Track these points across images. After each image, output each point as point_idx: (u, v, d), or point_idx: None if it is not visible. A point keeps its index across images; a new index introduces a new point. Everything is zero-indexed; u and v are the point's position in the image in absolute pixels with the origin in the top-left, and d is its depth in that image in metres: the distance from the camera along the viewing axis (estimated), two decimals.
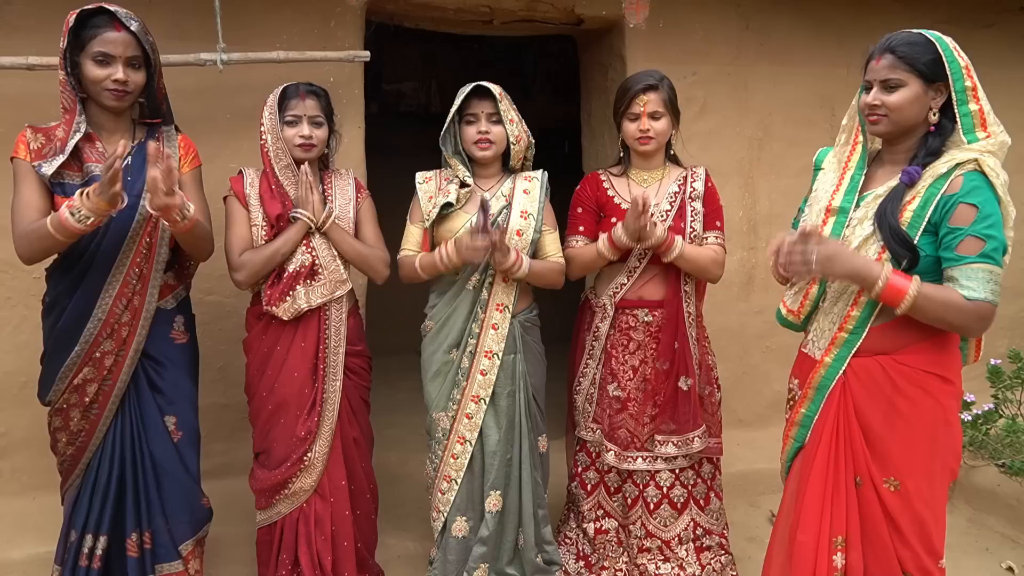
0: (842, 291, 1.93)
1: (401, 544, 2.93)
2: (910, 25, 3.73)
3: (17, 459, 2.90)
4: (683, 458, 2.56)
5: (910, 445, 1.86)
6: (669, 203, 2.53)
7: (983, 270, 1.73)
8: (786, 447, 2.09)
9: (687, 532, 2.60)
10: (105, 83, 2.07)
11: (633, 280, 2.54)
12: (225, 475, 2.95)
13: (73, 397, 2.19)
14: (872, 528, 1.90)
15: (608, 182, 2.61)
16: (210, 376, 2.97)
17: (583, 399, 2.66)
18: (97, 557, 2.22)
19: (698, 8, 3.45)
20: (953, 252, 1.75)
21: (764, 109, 3.62)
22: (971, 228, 1.74)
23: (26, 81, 2.58)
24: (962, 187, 1.76)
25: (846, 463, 1.91)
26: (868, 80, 1.88)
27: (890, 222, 1.79)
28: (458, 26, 3.48)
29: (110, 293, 2.16)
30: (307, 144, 2.36)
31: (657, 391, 2.54)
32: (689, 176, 2.57)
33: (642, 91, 2.45)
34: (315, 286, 2.38)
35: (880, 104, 1.84)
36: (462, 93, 2.42)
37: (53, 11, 2.09)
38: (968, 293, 1.73)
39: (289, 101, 2.35)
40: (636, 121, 2.48)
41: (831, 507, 1.91)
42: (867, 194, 1.92)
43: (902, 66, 1.81)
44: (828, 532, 1.91)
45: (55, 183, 2.07)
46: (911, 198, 1.82)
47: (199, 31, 2.79)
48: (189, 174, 2.31)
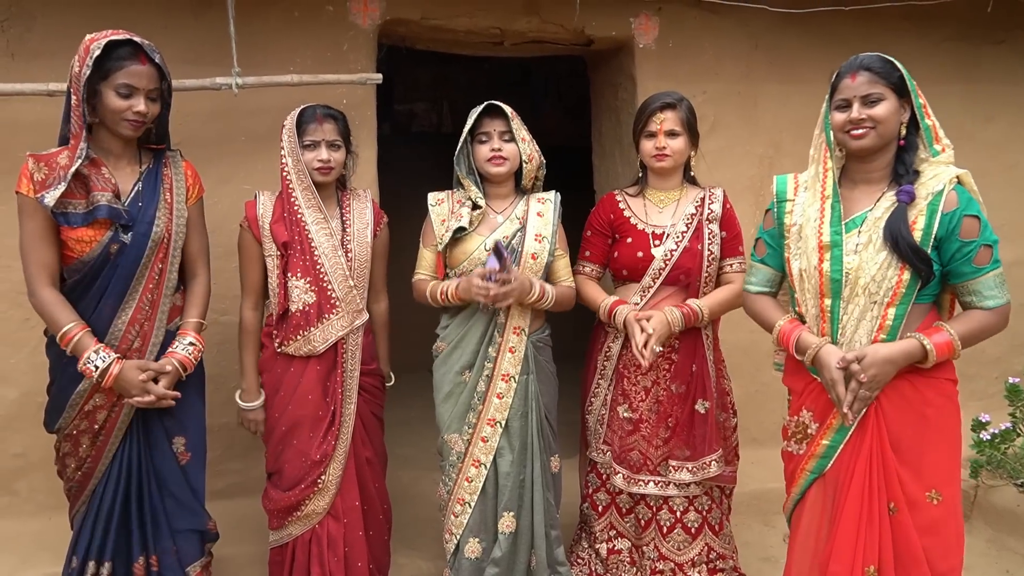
0: (861, 318, 1.94)
1: (413, 564, 2.92)
2: (919, 42, 3.78)
3: (34, 479, 2.92)
4: (695, 485, 2.53)
5: (942, 453, 1.94)
6: (685, 224, 2.52)
7: (997, 276, 1.89)
8: (799, 481, 2.08)
9: (701, 556, 2.58)
10: (126, 114, 2.09)
11: (646, 300, 2.52)
12: (237, 495, 2.96)
13: (83, 423, 2.20)
14: (907, 553, 1.91)
15: (624, 202, 2.61)
16: (223, 397, 2.99)
17: (594, 420, 2.65)
18: None
19: (707, 28, 3.48)
20: (972, 265, 1.87)
21: (774, 127, 3.62)
22: (981, 239, 1.87)
23: (45, 107, 2.63)
24: (959, 201, 1.88)
25: (879, 490, 1.93)
26: (845, 98, 1.94)
27: (909, 241, 1.86)
28: (469, 48, 3.52)
29: (123, 319, 2.17)
30: (325, 168, 2.38)
31: (670, 413, 2.52)
32: (707, 197, 2.56)
33: (659, 109, 2.47)
34: (333, 319, 2.39)
35: (866, 117, 1.90)
36: (474, 113, 2.45)
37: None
38: (992, 303, 1.89)
39: (307, 125, 2.37)
40: (653, 139, 2.49)
41: (865, 537, 1.92)
42: (857, 218, 1.96)
43: (880, 81, 1.90)
44: (861, 563, 1.92)
45: (58, 213, 2.05)
46: (915, 217, 1.89)
47: (214, 56, 2.83)
48: (196, 206, 2.34)
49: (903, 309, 1.91)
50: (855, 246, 1.93)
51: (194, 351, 2.27)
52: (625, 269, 2.55)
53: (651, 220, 2.55)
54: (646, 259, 2.50)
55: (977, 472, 3.21)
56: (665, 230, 2.52)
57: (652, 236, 2.52)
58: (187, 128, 2.86)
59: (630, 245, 2.54)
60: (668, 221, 2.54)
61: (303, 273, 2.36)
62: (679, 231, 2.51)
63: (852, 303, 1.94)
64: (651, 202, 2.59)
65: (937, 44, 3.78)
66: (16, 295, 2.78)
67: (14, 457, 2.92)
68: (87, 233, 2.10)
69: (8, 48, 2.78)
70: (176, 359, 2.22)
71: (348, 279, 2.40)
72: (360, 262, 2.46)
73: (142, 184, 2.20)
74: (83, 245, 2.11)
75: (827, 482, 2.02)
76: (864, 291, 1.91)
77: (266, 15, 2.97)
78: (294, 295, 2.36)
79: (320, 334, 2.38)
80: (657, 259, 2.49)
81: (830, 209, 1.96)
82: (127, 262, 2.15)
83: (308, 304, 2.36)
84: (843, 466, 1.98)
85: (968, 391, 3.90)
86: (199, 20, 2.90)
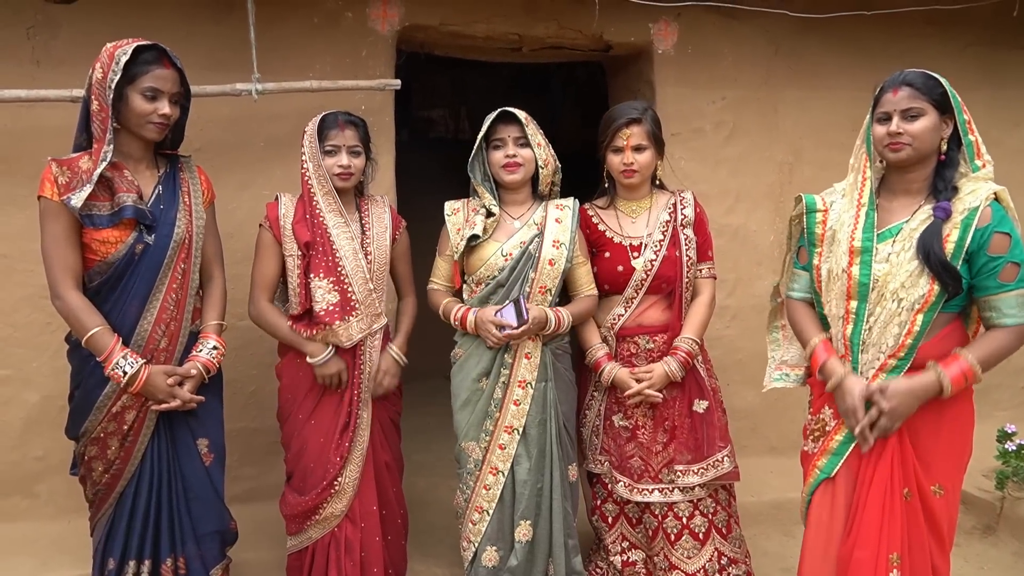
0: (888, 322, 1.97)
1: (429, 571, 2.91)
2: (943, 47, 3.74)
3: (54, 483, 2.94)
4: (700, 488, 2.49)
5: (953, 450, 2.01)
6: (662, 232, 2.51)
7: (1020, 296, 1.91)
8: (811, 477, 2.12)
9: (712, 563, 2.52)
10: (151, 117, 2.13)
11: (631, 310, 2.52)
12: (255, 500, 2.96)
13: (112, 425, 2.21)
14: (916, 538, 1.99)
15: (597, 216, 2.61)
16: (241, 401, 3.01)
17: (588, 431, 2.63)
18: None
19: (727, 33, 3.46)
20: (996, 280, 1.90)
21: (794, 133, 3.59)
22: (1009, 255, 1.90)
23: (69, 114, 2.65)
24: (992, 218, 1.91)
25: (899, 479, 1.99)
26: (886, 111, 1.98)
27: (940, 257, 1.90)
28: (487, 54, 3.52)
29: (148, 320, 2.19)
30: (346, 173, 2.40)
31: (665, 417, 2.50)
32: (678, 202, 2.55)
33: (624, 124, 2.45)
34: (352, 321, 2.39)
35: (903, 132, 1.94)
36: (488, 119, 2.45)
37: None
38: (1011, 321, 1.92)
39: (329, 131, 2.39)
40: (620, 154, 2.47)
41: (888, 524, 1.98)
42: (893, 228, 2.00)
43: (921, 97, 1.94)
44: (886, 549, 1.97)
45: (84, 215, 2.08)
46: (948, 232, 1.93)
47: (235, 62, 2.85)
48: (210, 210, 2.37)
49: (930, 316, 1.94)
50: (887, 255, 1.98)
51: (217, 354, 2.30)
52: (606, 283, 2.56)
53: (626, 232, 2.55)
54: (626, 272, 2.50)
55: (1003, 483, 3.15)
56: (642, 240, 2.51)
57: (630, 248, 2.52)
58: (207, 134, 2.88)
59: (608, 260, 2.54)
60: (643, 231, 2.53)
61: (326, 273, 2.36)
62: (656, 240, 2.51)
63: (880, 307, 1.97)
64: (623, 213, 2.58)
65: (962, 50, 3.73)
66: (38, 299, 2.81)
67: (35, 460, 2.95)
68: (112, 234, 2.13)
69: (33, 55, 2.81)
70: (200, 363, 2.25)
71: (368, 282, 2.41)
72: (379, 265, 2.48)
73: (162, 187, 2.24)
74: (108, 247, 2.13)
75: (837, 480, 2.07)
76: (893, 296, 1.95)
77: (286, 22, 2.99)
78: (317, 295, 2.36)
79: (344, 331, 2.38)
80: (638, 271, 2.49)
81: (864, 216, 2.01)
82: (151, 263, 2.17)
83: (332, 304, 2.37)
84: (866, 457, 2.02)
85: (993, 401, 3.88)
86: (220, 27, 2.92)
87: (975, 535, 3.20)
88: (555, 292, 2.48)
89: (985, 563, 3.01)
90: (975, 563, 3.01)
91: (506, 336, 2.37)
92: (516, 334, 2.36)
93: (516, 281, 2.44)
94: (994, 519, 3.19)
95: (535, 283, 2.44)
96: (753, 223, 3.53)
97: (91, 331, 2.10)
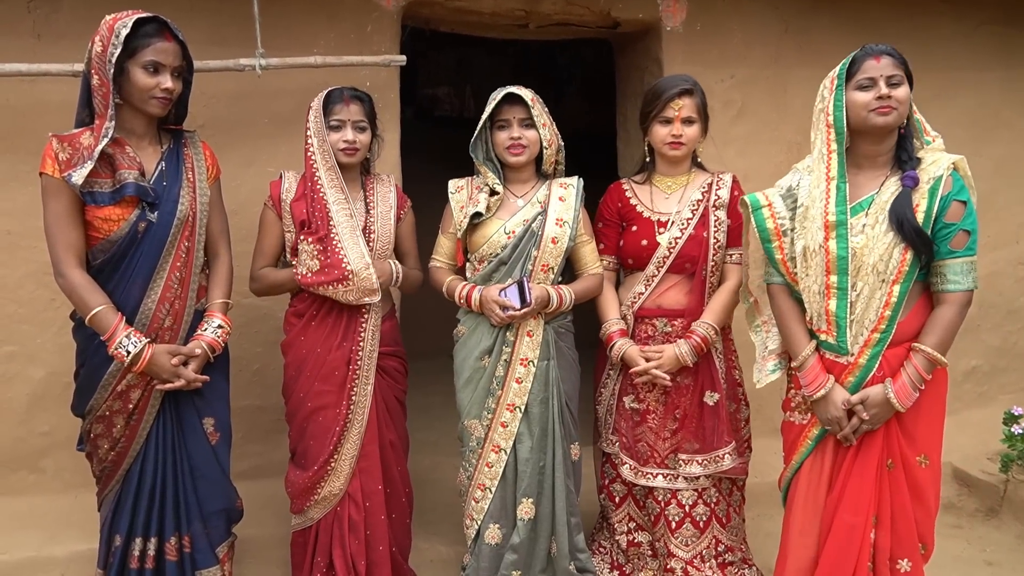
0: (871, 296, 2.02)
1: (433, 548, 2.93)
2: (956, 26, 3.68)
3: (60, 458, 2.96)
4: (705, 478, 2.48)
5: (932, 420, 2.10)
6: (691, 211, 2.47)
7: (968, 263, 1.99)
8: (800, 448, 2.18)
9: (709, 550, 2.53)
10: (154, 91, 2.09)
11: (651, 288, 2.49)
12: (260, 477, 2.98)
13: (117, 404, 2.21)
14: (900, 507, 2.08)
15: (631, 191, 2.57)
16: (246, 378, 3.01)
17: (604, 410, 2.63)
18: (151, 558, 2.25)
19: (737, 10, 3.41)
20: (947, 246, 1.99)
21: (804, 113, 3.49)
22: (961, 223, 1.98)
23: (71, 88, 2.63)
24: (953, 186, 2.00)
25: (883, 449, 2.08)
26: (871, 77, 2.01)
27: (913, 224, 1.97)
28: (493, 30, 3.48)
29: (152, 298, 2.17)
30: (351, 148, 2.38)
31: (677, 405, 2.48)
32: (714, 183, 2.51)
33: (677, 95, 2.41)
34: (342, 291, 2.36)
35: (891, 96, 1.99)
36: (493, 99, 2.42)
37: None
38: (953, 287, 2.01)
39: (334, 106, 2.37)
40: (668, 125, 2.42)
41: (871, 490, 2.07)
42: (864, 201, 2.06)
43: (901, 67, 2.02)
44: (867, 511, 2.06)
45: (85, 192, 2.06)
46: (917, 201, 2.00)
47: (238, 37, 2.82)
48: (214, 186, 2.35)
49: (906, 287, 2.01)
50: (862, 226, 2.03)
51: (222, 333, 2.28)
52: (631, 258, 2.53)
53: (656, 207, 2.52)
54: (651, 247, 2.47)
55: (1008, 466, 3.15)
56: (670, 217, 2.48)
57: (657, 224, 2.49)
58: (211, 110, 2.86)
59: (635, 233, 2.51)
60: (674, 208, 2.49)
61: (314, 241, 2.34)
62: (684, 218, 2.47)
63: (861, 281, 2.02)
64: (658, 188, 2.55)
65: (975, 28, 3.67)
66: (42, 275, 2.81)
67: (41, 436, 2.96)
68: (114, 212, 2.11)
69: (34, 29, 2.79)
70: (205, 342, 2.24)
71: (363, 257, 2.35)
72: (383, 243, 2.47)
73: (165, 163, 2.21)
74: (110, 224, 2.12)
75: (825, 448, 2.14)
76: (872, 270, 2.00)
77: None
78: (302, 258, 2.36)
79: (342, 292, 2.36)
80: (661, 247, 2.46)
81: (835, 190, 2.04)
82: (154, 240, 2.15)
83: (312, 271, 2.34)
84: None
85: (999, 384, 3.87)
86: (223, 2, 2.88)
87: (978, 517, 3.21)
88: (557, 270, 2.47)
89: (988, 545, 3.02)
90: (978, 545, 3.02)
91: (509, 316, 2.36)
92: (519, 315, 2.36)
93: (519, 259, 2.43)
94: (997, 502, 3.20)
95: (537, 261, 2.43)
96: None
97: (94, 310, 2.09)
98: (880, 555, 2.08)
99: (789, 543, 2.19)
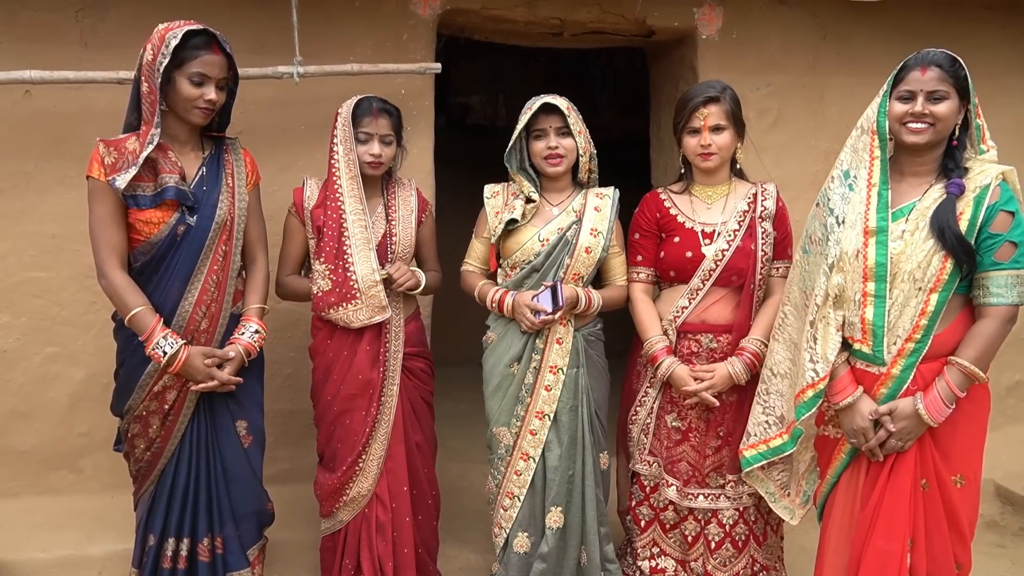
0: (905, 304, 1.97)
1: (463, 556, 2.92)
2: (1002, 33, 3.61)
3: (98, 458, 3.01)
4: (748, 496, 2.43)
5: (971, 440, 2.03)
6: (737, 222, 2.40)
7: (1013, 276, 1.92)
8: (835, 463, 2.14)
9: (745, 570, 2.47)
10: (198, 102, 2.14)
11: (696, 303, 2.41)
12: (290, 481, 3.00)
13: (153, 404, 2.25)
14: (935, 528, 2.02)
15: (669, 200, 2.51)
16: (278, 383, 3.04)
17: (639, 430, 2.53)
18: (183, 558, 2.28)
19: (773, 18, 3.37)
20: (992, 257, 1.93)
21: (841, 121, 3.49)
22: (1008, 234, 1.92)
23: (116, 96, 2.70)
24: (1000, 196, 1.94)
25: (918, 468, 2.02)
26: (911, 90, 1.97)
27: (955, 232, 1.91)
28: (528, 39, 3.49)
29: (190, 300, 2.21)
30: (376, 163, 2.41)
31: (721, 423, 2.42)
32: (759, 194, 2.45)
33: (702, 104, 2.35)
34: (350, 308, 2.38)
35: (928, 114, 1.95)
36: (529, 109, 2.40)
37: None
38: (996, 300, 1.94)
39: (363, 118, 2.39)
40: (697, 136, 2.37)
41: (906, 511, 2.01)
42: (905, 207, 2.01)
43: (948, 79, 1.94)
44: (902, 535, 2.00)
45: (127, 195, 2.11)
46: (962, 209, 1.94)
47: (277, 45, 2.87)
48: (253, 192, 2.38)
49: (944, 296, 1.95)
50: (901, 232, 1.98)
51: (258, 338, 2.31)
52: (672, 270, 2.45)
53: (699, 218, 2.44)
54: (695, 259, 2.39)
55: None
56: (716, 228, 2.41)
57: (702, 234, 2.41)
58: (248, 116, 2.90)
59: (678, 244, 2.43)
60: (718, 218, 2.42)
61: (326, 259, 2.37)
62: (731, 229, 2.40)
63: (897, 288, 1.97)
64: (698, 199, 2.47)
65: (1021, 36, 3.59)
66: (84, 278, 2.87)
67: (79, 436, 3.02)
68: (155, 215, 2.16)
69: (81, 38, 2.86)
70: (241, 345, 2.27)
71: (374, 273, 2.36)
72: (404, 247, 2.49)
73: (206, 169, 2.26)
74: (151, 227, 2.17)
75: (861, 462, 2.09)
76: (909, 277, 1.96)
77: (328, 6, 2.99)
78: (316, 277, 2.40)
79: (342, 317, 2.38)
80: (708, 259, 2.38)
81: (877, 197, 2.00)
82: (193, 244, 2.20)
83: (324, 290, 2.38)
84: None
85: None
86: (263, 10, 2.93)
87: (1022, 536, 3.11)
88: (587, 280, 2.46)
89: None
90: (1022, 565, 2.93)
91: (541, 321, 2.35)
92: (550, 319, 2.34)
93: (551, 267, 2.43)
94: None
95: (569, 270, 2.42)
96: (796, 213, 3.43)
97: (133, 311, 2.14)
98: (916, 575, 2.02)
99: (825, 563, 2.14)
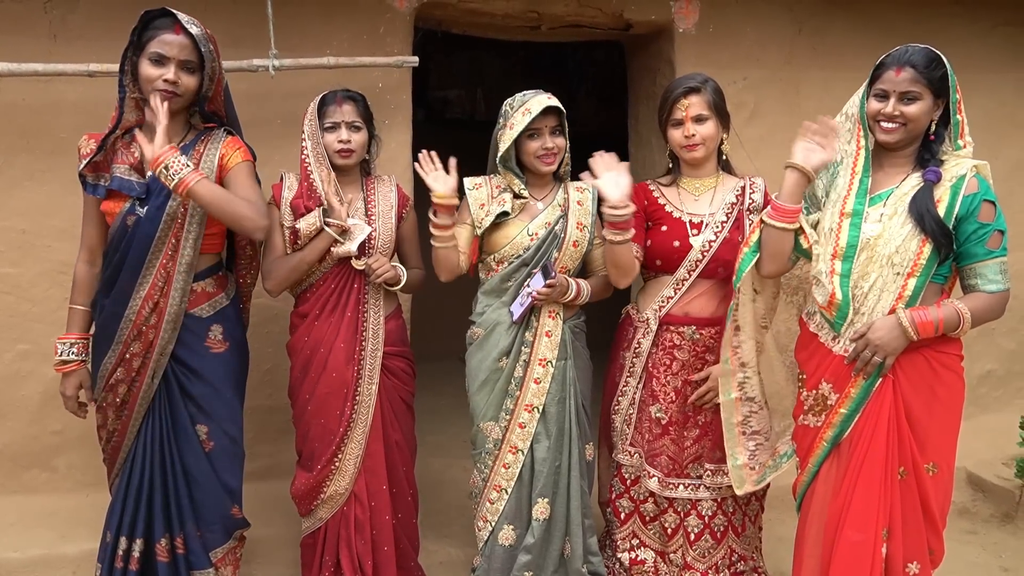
0: (883, 288, 2.00)
1: (443, 550, 2.92)
2: (971, 27, 3.65)
3: (72, 456, 2.97)
4: (726, 487, 2.44)
5: (945, 428, 2.07)
6: (725, 214, 2.42)
7: (1001, 263, 1.99)
8: (816, 452, 2.14)
9: (723, 560, 2.50)
10: (156, 83, 2.08)
11: (680, 294, 2.43)
12: (270, 477, 2.98)
13: (109, 396, 2.24)
14: (911, 516, 2.05)
15: (658, 191, 2.52)
16: (256, 379, 3.01)
17: (621, 420, 2.55)
18: (134, 559, 2.23)
19: (749, 12, 3.39)
20: (984, 247, 1.98)
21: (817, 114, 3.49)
22: (995, 224, 1.98)
23: (87, 88, 2.66)
24: (979, 187, 1.99)
25: (894, 457, 2.03)
26: (884, 89, 2.01)
27: (934, 216, 1.95)
28: (505, 32, 3.48)
29: (140, 294, 2.17)
30: (346, 150, 2.38)
31: (699, 412, 2.44)
32: (748, 187, 2.47)
33: (683, 94, 2.36)
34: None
35: (900, 114, 1.99)
36: (527, 111, 2.33)
37: (114, 20, 2.15)
38: (994, 287, 2.00)
39: (327, 108, 2.38)
40: (680, 127, 2.38)
41: (880, 501, 2.02)
42: (883, 193, 2.06)
43: (922, 80, 1.97)
44: (875, 526, 2.02)
45: (89, 184, 2.15)
46: (939, 196, 1.99)
47: (252, 38, 2.83)
48: (232, 170, 2.23)
49: (922, 281, 1.99)
50: (879, 215, 2.03)
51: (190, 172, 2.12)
52: (659, 259, 2.46)
53: (687, 208, 2.46)
54: (682, 249, 2.41)
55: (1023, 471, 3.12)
56: (703, 219, 2.42)
57: (690, 224, 2.43)
58: None
59: (665, 233, 2.44)
60: (706, 210, 2.44)
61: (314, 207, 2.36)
62: (719, 220, 2.41)
63: (874, 272, 2.00)
64: (686, 190, 2.49)
65: (989, 30, 3.65)
66: (55, 275, 2.82)
67: (53, 434, 2.97)
68: (111, 206, 2.17)
69: (50, 29, 2.80)
70: None
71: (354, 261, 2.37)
72: (384, 242, 2.47)
73: None
74: (110, 218, 2.18)
75: (840, 452, 2.10)
76: (888, 262, 1.99)
77: None
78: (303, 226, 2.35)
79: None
80: (695, 249, 2.40)
81: (858, 183, 2.07)
82: (142, 236, 2.15)
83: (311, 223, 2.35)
84: (860, 433, 2.05)
85: (1015, 388, 3.83)
86: (238, 3, 2.89)
87: (993, 523, 3.18)
88: (574, 272, 2.48)
89: (1003, 551, 2.99)
90: (993, 551, 2.99)
91: (535, 299, 2.34)
92: (544, 292, 2.32)
93: (540, 260, 2.43)
94: (1013, 507, 3.17)
95: (557, 263, 2.43)
96: None
97: (70, 306, 2.23)
98: (892, 563, 2.05)
99: (803, 554, 2.16)
